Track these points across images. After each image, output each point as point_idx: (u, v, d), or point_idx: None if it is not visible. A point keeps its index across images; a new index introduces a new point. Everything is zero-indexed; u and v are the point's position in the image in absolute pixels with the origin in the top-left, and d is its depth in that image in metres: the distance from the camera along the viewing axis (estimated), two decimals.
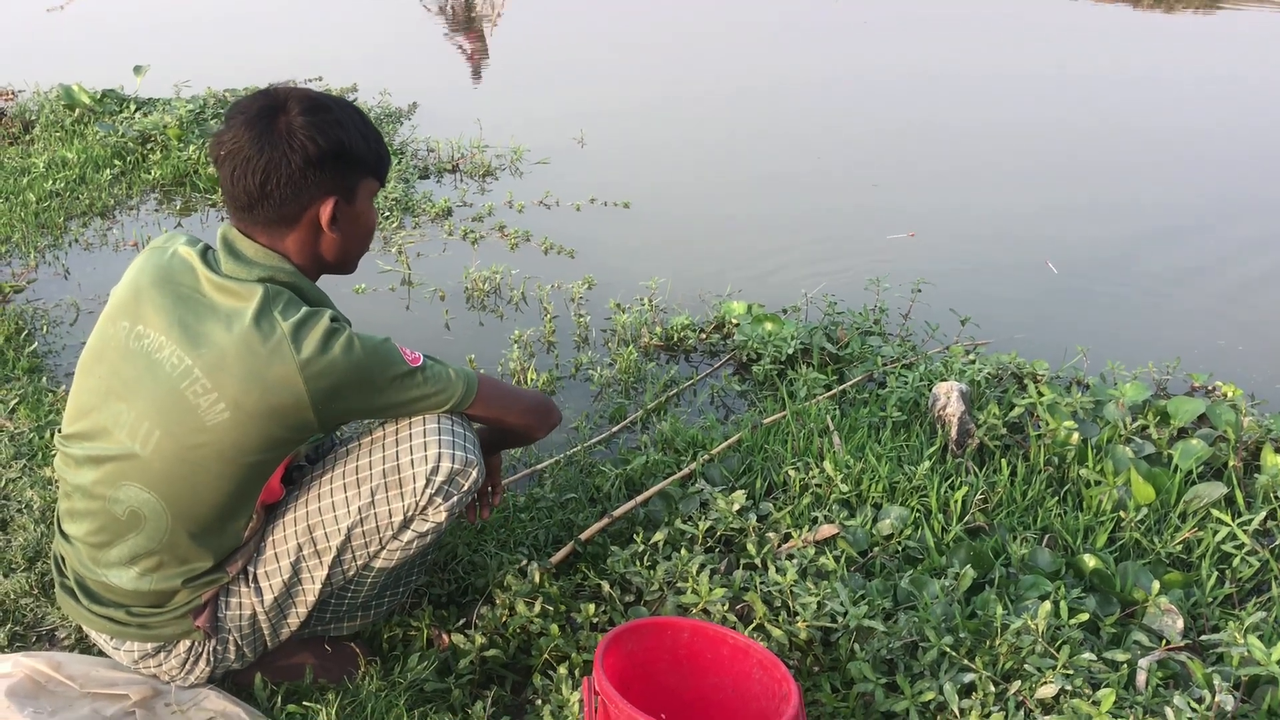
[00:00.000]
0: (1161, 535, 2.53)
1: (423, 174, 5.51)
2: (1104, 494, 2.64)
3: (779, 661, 1.85)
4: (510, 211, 5.00)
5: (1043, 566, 2.39)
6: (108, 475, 1.78)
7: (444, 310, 3.99)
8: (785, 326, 3.58)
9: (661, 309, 3.89)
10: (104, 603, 1.88)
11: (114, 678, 1.96)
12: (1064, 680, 1.92)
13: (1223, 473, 2.79)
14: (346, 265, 1.90)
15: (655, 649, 1.93)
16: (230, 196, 1.77)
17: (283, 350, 1.68)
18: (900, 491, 2.64)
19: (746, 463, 2.81)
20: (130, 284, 1.82)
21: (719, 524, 2.47)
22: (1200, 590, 2.34)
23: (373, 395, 1.77)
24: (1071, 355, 3.40)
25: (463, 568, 2.39)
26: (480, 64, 8.14)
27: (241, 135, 1.73)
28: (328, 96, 1.82)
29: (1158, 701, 1.93)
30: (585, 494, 2.71)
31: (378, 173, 1.87)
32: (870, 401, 3.14)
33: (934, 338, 3.58)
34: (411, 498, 1.84)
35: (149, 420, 1.73)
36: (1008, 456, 2.83)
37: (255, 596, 1.90)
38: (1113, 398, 3.03)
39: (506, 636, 2.18)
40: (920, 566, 2.40)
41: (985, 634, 2.10)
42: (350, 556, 1.89)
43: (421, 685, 2.08)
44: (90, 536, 1.83)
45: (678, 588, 2.24)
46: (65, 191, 4.98)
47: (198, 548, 1.81)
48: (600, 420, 3.22)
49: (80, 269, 4.29)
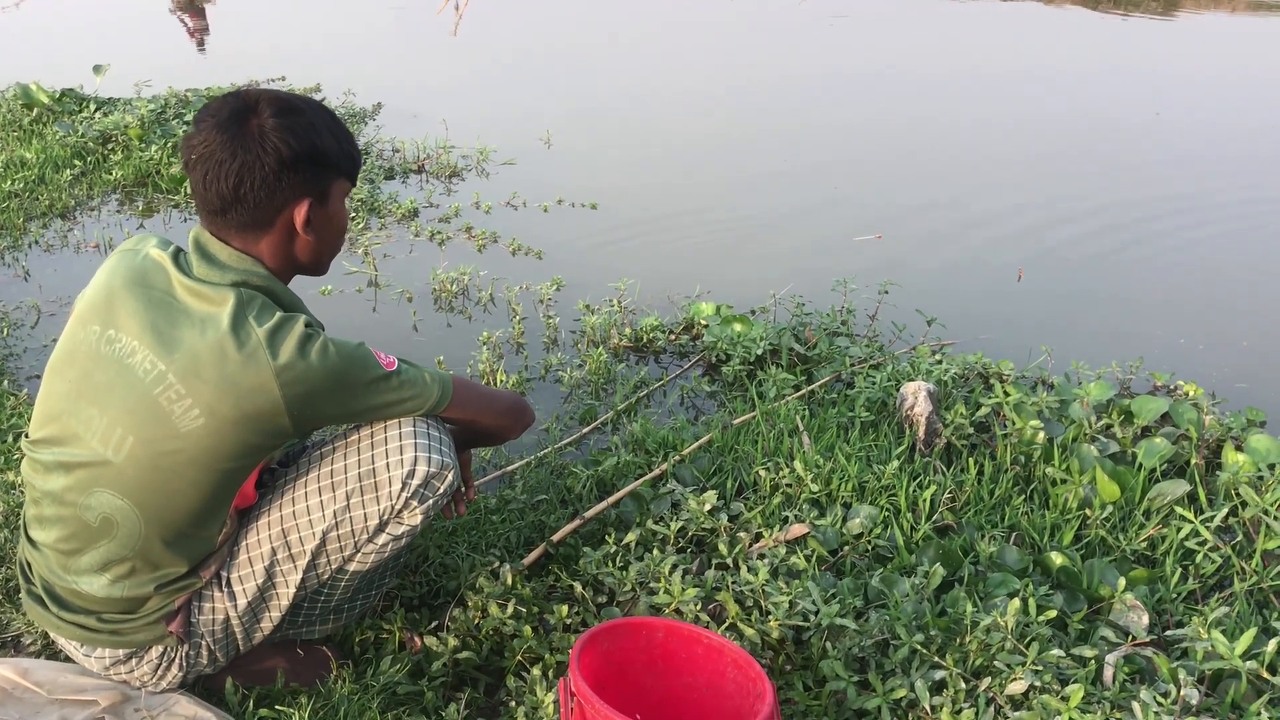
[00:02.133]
0: (1126, 532, 2.57)
1: (388, 175, 5.49)
2: (1070, 492, 2.67)
3: (753, 660, 1.86)
4: (477, 212, 4.99)
5: (1010, 564, 2.42)
6: (79, 481, 1.75)
7: (412, 312, 3.98)
8: (754, 327, 3.60)
9: (630, 310, 3.90)
10: (74, 609, 1.86)
11: (82, 683, 1.93)
12: (1033, 676, 1.94)
13: (1185, 470, 2.84)
14: (320, 267, 1.90)
15: (630, 649, 1.94)
16: (202, 200, 1.75)
17: (258, 356, 1.67)
18: (869, 491, 2.67)
19: (717, 463, 2.82)
20: (102, 286, 1.79)
21: (690, 524, 2.48)
22: (1165, 586, 2.38)
23: (348, 400, 1.77)
24: (1036, 355, 3.45)
25: (434, 570, 2.38)
26: (203, 39, 8.50)
27: (213, 139, 1.71)
28: (298, 98, 1.81)
29: (1125, 696, 1.96)
30: (557, 495, 2.71)
31: (350, 174, 1.86)
32: (839, 402, 3.16)
33: (900, 338, 3.61)
34: (387, 501, 1.83)
35: (122, 426, 1.71)
36: (975, 455, 2.87)
37: (229, 601, 1.89)
38: (1077, 397, 3.07)
39: (479, 638, 2.18)
40: (890, 565, 2.42)
41: (955, 631, 2.12)
42: (324, 560, 1.88)
43: (394, 688, 2.07)
44: (60, 544, 1.80)
45: (650, 588, 2.24)
46: (24, 192, 4.92)
47: (171, 554, 1.79)
48: (570, 422, 3.23)
49: (40, 271, 4.23)
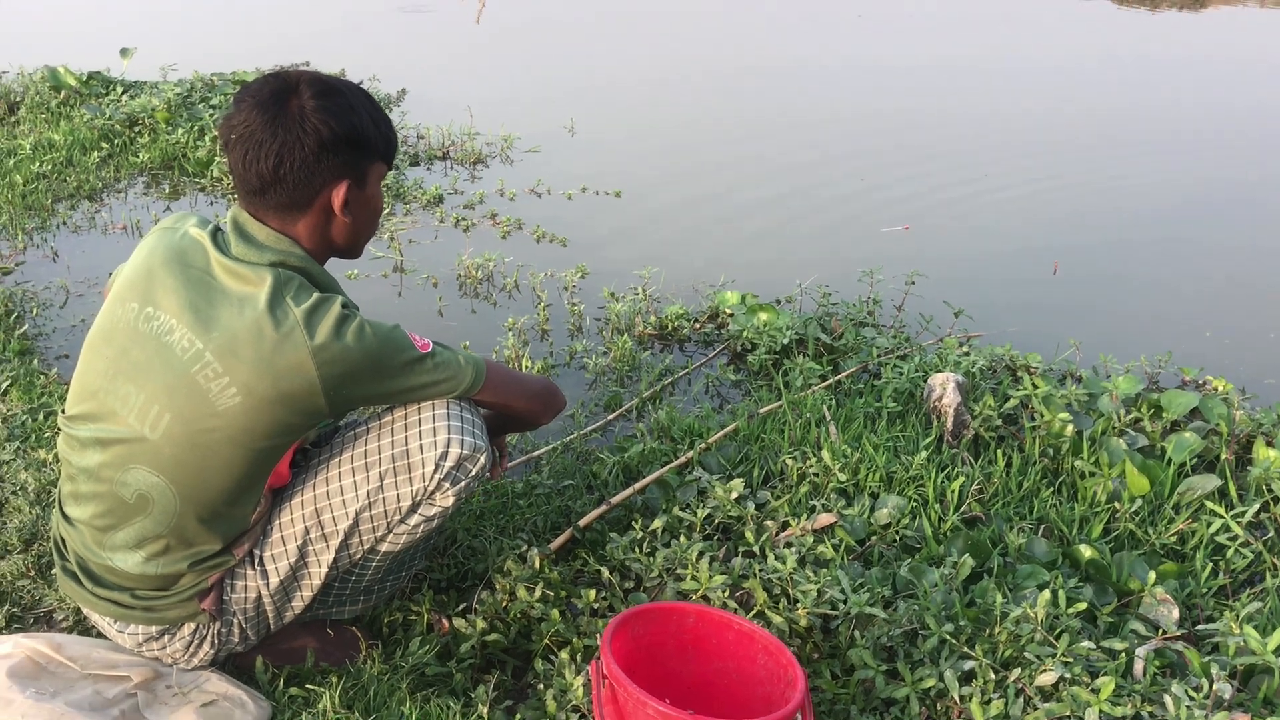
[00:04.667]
0: (1156, 527, 2.56)
1: (413, 161, 5.50)
2: (1099, 485, 2.66)
3: (784, 647, 1.86)
4: (502, 199, 4.99)
5: (1039, 556, 2.41)
6: (115, 458, 1.76)
7: (437, 297, 3.98)
8: (780, 317, 3.59)
9: (655, 298, 3.89)
10: (108, 586, 1.87)
11: (115, 659, 1.95)
12: (1063, 668, 1.94)
13: (1215, 465, 2.82)
14: (355, 249, 1.90)
15: (661, 633, 1.94)
16: (241, 180, 1.76)
17: (295, 336, 1.68)
18: (897, 481, 2.66)
19: (743, 451, 2.82)
20: (141, 264, 1.80)
21: (717, 512, 2.48)
22: (1195, 581, 2.36)
23: (383, 381, 1.77)
24: (1064, 348, 3.43)
25: (462, 553, 2.39)
26: None
27: (253, 118, 1.71)
28: (338, 80, 1.81)
29: (1156, 690, 1.95)
30: (583, 481, 2.71)
31: (387, 157, 1.87)
32: (865, 392, 3.15)
33: (928, 329, 3.60)
34: (420, 483, 1.84)
35: (159, 403, 1.72)
36: (1003, 447, 2.85)
37: (261, 580, 1.90)
38: (1106, 390, 3.05)
39: (507, 621, 2.18)
40: (918, 555, 2.41)
41: (985, 622, 2.12)
42: (357, 540, 1.89)
43: (423, 669, 2.08)
44: (95, 520, 1.81)
45: (677, 574, 2.24)
46: (52, 174, 4.94)
47: (205, 531, 1.80)
48: (596, 408, 3.23)
49: (69, 251, 4.26)
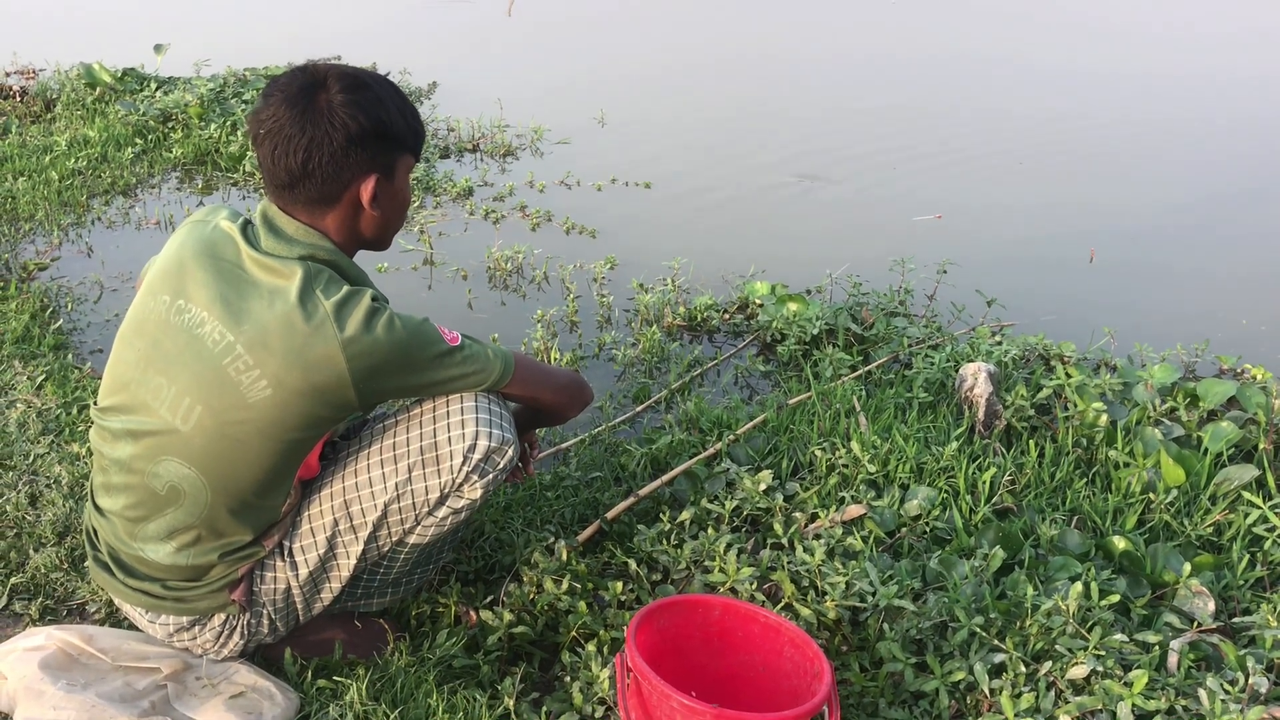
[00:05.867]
0: (1191, 518, 2.52)
1: (443, 153, 5.52)
2: (1133, 476, 2.62)
3: (810, 640, 1.85)
4: (531, 191, 4.99)
5: (1072, 548, 2.38)
6: (147, 450, 1.78)
7: (467, 290, 3.99)
8: (810, 307, 3.57)
9: (684, 289, 3.88)
10: (139, 576, 1.89)
11: (145, 651, 1.97)
12: (1095, 661, 1.91)
13: (1253, 455, 2.77)
14: (383, 242, 1.90)
15: (686, 626, 1.93)
16: (270, 174, 1.76)
17: (326, 329, 1.68)
18: (928, 472, 2.64)
19: (772, 443, 2.80)
20: (173, 257, 1.81)
21: (745, 504, 2.47)
22: (1231, 573, 2.33)
23: (413, 374, 1.78)
24: (1098, 337, 3.39)
25: (490, 545, 2.39)
26: None
27: (282, 113, 1.72)
28: (366, 73, 1.81)
29: (1190, 683, 1.93)
30: (610, 473, 2.71)
31: (415, 150, 1.87)
32: (896, 382, 3.13)
33: (960, 319, 3.57)
34: (449, 474, 1.84)
35: (190, 395, 1.73)
36: (1035, 438, 2.82)
37: (290, 571, 1.91)
38: (1141, 380, 3.01)
39: (534, 613, 2.18)
40: (948, 547, 2.39)
41: (1015, 614, 2.09)
42: (385, 532, 1.90)
43: (450, 661, 2.08)
44: (127, 511, 1.83)
45: (705, 566, 2.24)
46: (87, 170, 5.00)
47: (236, 523, 1.81)
48: (624, 400, 3.22)
49: (103, 247, 4.30)
